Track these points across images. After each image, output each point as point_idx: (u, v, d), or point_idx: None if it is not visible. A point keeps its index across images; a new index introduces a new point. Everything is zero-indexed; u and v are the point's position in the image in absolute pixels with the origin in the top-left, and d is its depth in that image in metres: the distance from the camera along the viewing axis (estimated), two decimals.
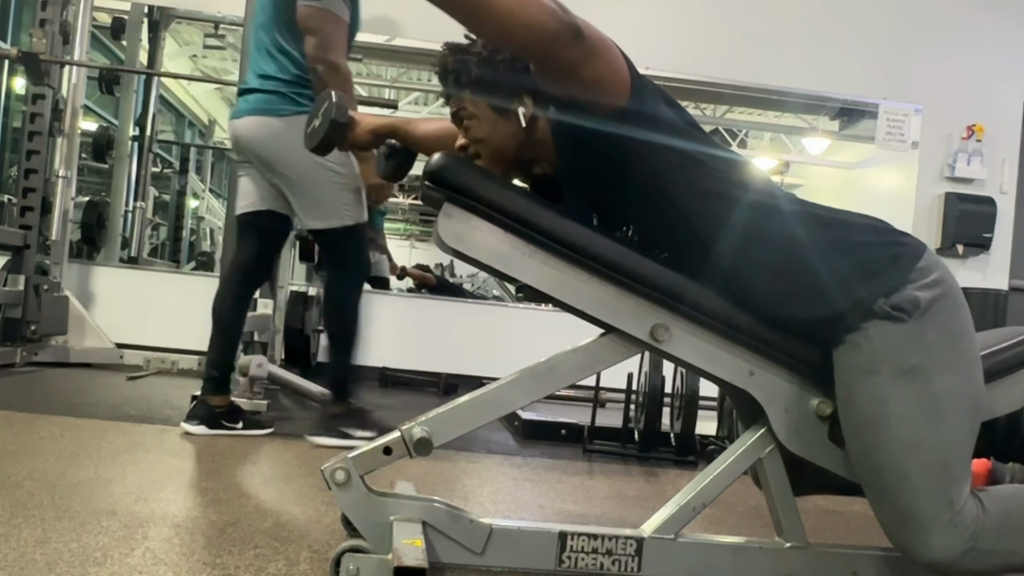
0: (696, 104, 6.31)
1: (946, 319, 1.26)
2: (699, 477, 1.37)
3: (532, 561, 1.33)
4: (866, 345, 1.25)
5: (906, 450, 1.22)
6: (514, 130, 1.35)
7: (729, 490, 1.37)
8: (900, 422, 1.22)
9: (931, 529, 1.21)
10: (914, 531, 1.22)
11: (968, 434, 1.26)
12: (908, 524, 1.23)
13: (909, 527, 1.23)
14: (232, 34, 5.64)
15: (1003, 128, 5.19)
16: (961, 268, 5.11)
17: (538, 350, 1.52)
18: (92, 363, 4.13)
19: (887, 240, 1.31)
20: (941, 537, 1.21)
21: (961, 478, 1.23)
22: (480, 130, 1.36)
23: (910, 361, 1.23)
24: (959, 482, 1.23)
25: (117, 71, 5.29)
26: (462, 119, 1.38)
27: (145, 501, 1.71)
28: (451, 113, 1.41)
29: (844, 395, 1.29)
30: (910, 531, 1.23)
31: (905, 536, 1.24)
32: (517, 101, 1.34)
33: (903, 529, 1.24)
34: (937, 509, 1.21)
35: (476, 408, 1.33)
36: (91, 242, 4.77)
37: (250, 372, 2.99)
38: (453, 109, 1.40)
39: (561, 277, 1.32)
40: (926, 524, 1.21)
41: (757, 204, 1.30)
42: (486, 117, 1.36)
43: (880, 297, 1.24)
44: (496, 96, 1.34)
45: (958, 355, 1.26)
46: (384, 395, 4.30)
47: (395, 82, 6.57)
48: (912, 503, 1.22)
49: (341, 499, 1.29)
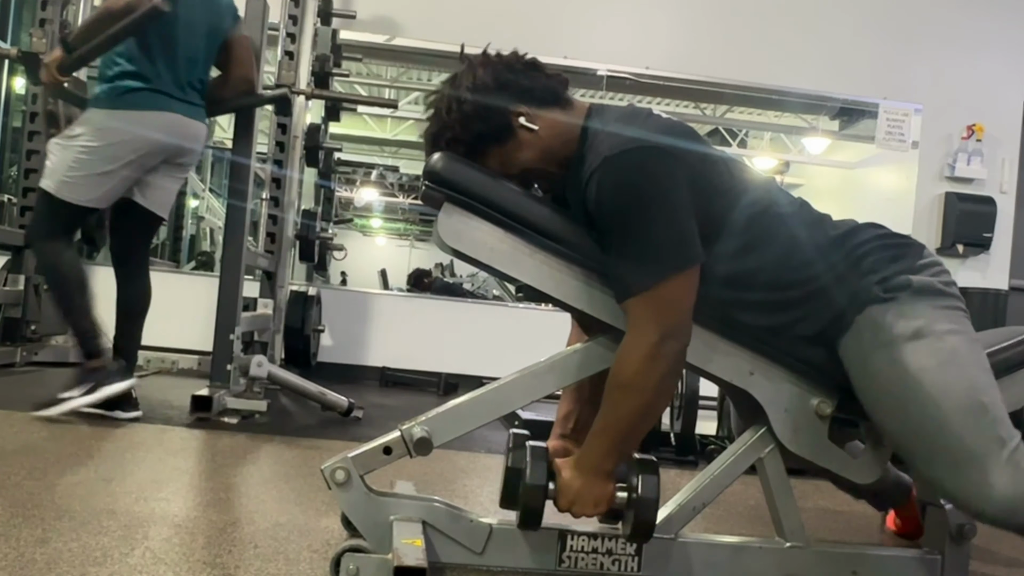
0: (696, 104, 6.32)
1: (941, 300, 1.27)
2: (699, 477, 1.37)
3: (532, 561, 1.33)
4: (868, 327, 1.26)
5: (938, 399, 1.19)
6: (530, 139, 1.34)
7: (729, 490, 1.37)
8: (924, 375, 1.21)
9: (988, 469, 1.16)
10: (975, 476, 1.17)
11: (994, 386, 1.23)
12: (967, 471, 1.17)
13: (968, 473, 1.17)
14: None
15: (1003, 128, 5.19)
16: (961, 268, 5.11)
17: (538, 350, 1.53)
18: None
19: (888, 243, 1.32)
20: (1002, 475, 1.15)
21: (1004, 419, 1.20)
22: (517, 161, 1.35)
23: (913, 325, 1.23)
24: (1003, 422, 1.20)
25: None
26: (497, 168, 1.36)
27: (145, 501, 1.71)
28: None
29: (860, 375, 1.28)
30: (968, 480, 1.17)
31: (968, 485, 1.18)
32: (513, 119, 1.33)
33: (960, 480, 1.18)
34: (989, 447, 1.17)
35: (476, 408, 1.33)
36: (91, 242, 4.75)
37: (250, 372, 2.99)
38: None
39: (561, 277, 1.32)
40: (982, 466, 1.16)
41: (757, 205, 1.31)
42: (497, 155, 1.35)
43: (875, 285, 1.26)
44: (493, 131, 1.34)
45: (958, 324, 1.26)
46: (384, 395, 4.30)
47: (395, 82, 6.57)
48: (962, 448, 1.18)
49: (341, 499, 1.29)
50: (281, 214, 4.15)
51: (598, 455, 1.27)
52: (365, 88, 6.70)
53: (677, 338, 1.23)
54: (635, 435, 1.28)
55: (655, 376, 1.22)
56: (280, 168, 4.18)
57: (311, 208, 4.86)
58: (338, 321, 4.89)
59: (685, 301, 1.23)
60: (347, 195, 8.83)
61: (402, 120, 8.00)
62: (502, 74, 1.35)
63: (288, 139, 4.20)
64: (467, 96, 1.33)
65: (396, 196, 9.61)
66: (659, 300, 1.21)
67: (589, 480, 1.26)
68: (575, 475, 1.27)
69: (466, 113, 1.33)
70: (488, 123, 1.33)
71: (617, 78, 5.03)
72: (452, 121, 1.34)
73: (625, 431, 1.26)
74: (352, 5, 4.86)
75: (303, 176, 4.58)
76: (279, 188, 4.17)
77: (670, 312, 1.22)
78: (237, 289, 3.05)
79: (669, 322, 1.22)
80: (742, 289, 1.30)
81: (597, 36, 4.98)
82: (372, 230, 10.98)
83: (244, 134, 3.15)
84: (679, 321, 1.23)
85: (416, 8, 4.92)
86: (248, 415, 2.94)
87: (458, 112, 1.33)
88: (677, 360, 1.24)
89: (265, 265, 4.01)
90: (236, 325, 3.02)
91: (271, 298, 4.11)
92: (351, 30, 4.86)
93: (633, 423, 1.26)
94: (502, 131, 1.34)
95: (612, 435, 1.26)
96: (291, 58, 4.11)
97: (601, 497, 1.27)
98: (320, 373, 4.43)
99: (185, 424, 2.69)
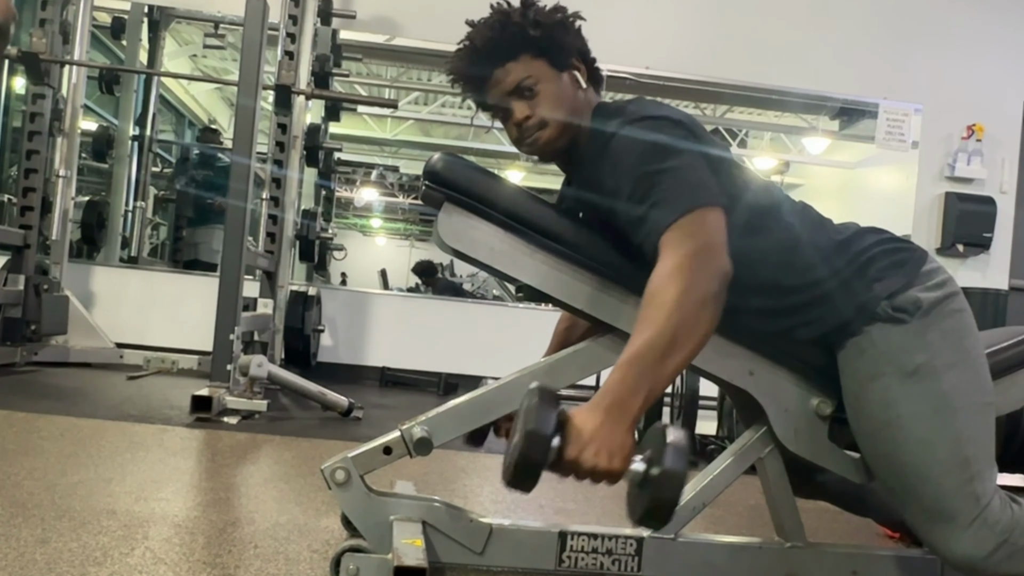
0: (696, 104, 6.32)
1: (948, 319, 1.26)
2: (699, 477, 1.37)
3: (532, 561, 1.33)
4: (870, 349, 1.25)
5: (923, 449, 1.21)
6: (577, 90, 1.33)
7: (729, 490, 1.37)
8: (913, 422, 1.21)
9: (957, 526, 1.19)
10: (943, 530, 1.20)
11: (984, 428, 1.24)
12: (936, 523, 1.21)
13: (937, 526, 1.21)
14: (232, 34, 5.64)
15: (1003, 128, 5.19)
16: (961, 268, 5.11)
17: (538, 350, 1.53)
18: (92, 363, 4.13)
19: (891, 248, 1.31)
20: (971, 533, 1.19)
21: (984, 472, 1.22)
22: (550, 92, 1.30)
23: (915, 361, 1.22)
24: (982, 477, 1.21)
25: (117, 71, 5.28)
26: (523, 90, 1.30)
27: (145, 501, 1.71)
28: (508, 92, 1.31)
29: (853, 402, 1.28)
30: (939, 530, 1.21)
31: (935, 536, 1.22)
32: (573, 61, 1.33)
33: (932, 529, 1.22)
34: (963, 505, 1.19)
35: (476, 408, 1.33)
36: (91, 242, 4.76)
37: (250, 372, 2.99)
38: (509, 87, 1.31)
39: (561, 277, 1.32)
40: (954, 521, 1.19)
41: (759, 207, 1.30)
42: (551, 78, 1.31)
43: (883, 300, 1.24)
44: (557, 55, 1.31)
45: (963, 352, 1.25)
46: (384, 395, 4.30)
47: (395, 82, 6.57)
48: (936, 502, 1.20)
49: (341, 499, 1.29)
50: (281, 214, 4.16)
51: (621, 390, 1.03)
52: (365, 88, 6.70)
53: (715, 257, 1.10)
54: (666, 368, 1.05)
55: (693, 293, 1.06)
56: (280, 168, 4.18)
57: (311, 208, 4.86)
58: (338, 321, 4.89)
59: (720, 231, 1.13)
60: (347, 195, 8.83)
61: (402, 120, 8.00)
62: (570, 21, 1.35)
63: (288, 139, 4.20)
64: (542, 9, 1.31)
65: (396, 196, 9.61)
66: (695, 222, 1.13)
67: (610, 421, 1.01)
68: (592, 415, 1.02)
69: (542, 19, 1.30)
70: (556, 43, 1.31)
71: (617, 78, 5.03)
72: (528, 21, 1.29)
73: (655, 360, 1.04)
74: (352, 5, 4.86)
75: (303, 176, 4.58)
76: (279, 188, 4.18)
77: (707, 232, 1.12)
78: (237, 289, 3.05)
79: (707, 240, 1.11)
80: (743, 291, 1.29)
81: (597, 36, 4.91)
82: (372, 230, 10.99)
83: (244, 134, 3.15)
84: (717, 242, 1.12)
85: (416, 8, 4.93)
86: (248, 415, 2.94)
87: (535, 15, 1.30)
88: (717, 284, 1.08)
89: (265, 265, 4.02)
90: (236, 325, 3.03)
91: (271, 298, 4.11)
92: (351, 30, 4.87)
93: (665, 350, 1.04)
94: (561, 59, 1.31)
95: (639, 366, 1.04)
96: (291, 58, 4.12)
97: (618, 447, 1.01)
98: (320, 373, 4.43)
99: (185, 424, 2.70)
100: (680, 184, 1.16)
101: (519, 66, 1.30)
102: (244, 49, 3.24)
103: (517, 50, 1.29)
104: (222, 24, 5.58)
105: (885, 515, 1.68)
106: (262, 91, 3.31)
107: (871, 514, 1.67)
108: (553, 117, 1.30)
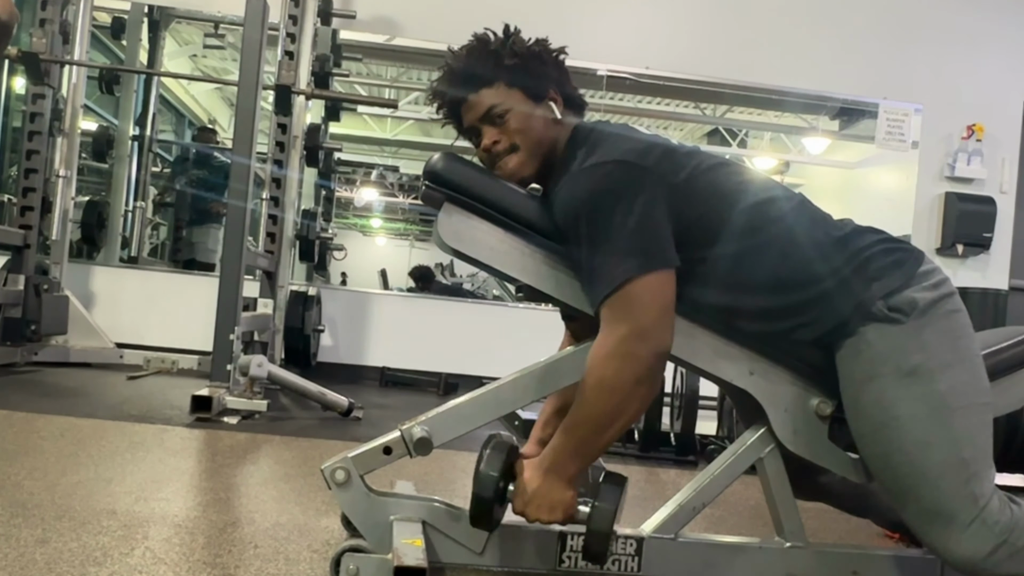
0: (696, 104, 6.31)
1: (944, 319, 1.26)
2: (699, 477, 1.37)
3: (532, 561, 1.33)
4: (866, 350, 1.25)
5: (920, 450, 1.21)
6: (549, 120, 1.35)
7: (729, 490, 1.37)
8: (910, 424, 1.22)
9: (958, 526, 1.19)
10: (941, 530, 1.21)
11: (981, 428, 1.24)
12: (934, 524, 1.22)
13: (936, 527, 1.21)
14: (232, 34, 5.64)
15: (1003, 128, 5.19)
16: (961, 268, 5.11)
17: (538, 350, 1.53)
18: (92, 363, 4.13)
19: (889, 247, 1.31)
20: (969, 534, 1.19)
21: (982, 473, 1.22)
22: (519, 120, 1.33)
23: (911, 361, 1.22)
24: (980, 477, 1.22)
25: (117, 71, 5.27)
26: (495, 117, 1.33)
27: (145, 501, 1.71)
28: (479, 117, 1.35)
29: (851, 403, 1.28)
30: (937, 531, 1.21)
31: (934, 536, 1.22)
32: (549, 92, 1.35)
33: (930, 530, 1.22)
34: (961, 505, 1.20)
35: (476, 408, 1.33)
36: (91, 242, 4.76)
37: (250, 372, 2.99)
38: (481, 112, 1.34)
39: (561, 277, 1.32)
40: (952, 522, 1.20)
41: (756, 206, 1.30)
42: (522, 107, 1.33)
43: (879, 300, 1.25)
44: (531, 84, 1.34)
45: (959, 352, 1.25)
46: (384, 395, 4.30)
47: (395, 82, 6.57)
48: (935, 503, 1.21)
49: (341, 499, 1.29)
50: (281, 214, 4.16)
51: (560, 456, 1.22)
52: (365, 88, 6.70)
53: (647, 340, 1.18)
54: (601, 439, 1.22)
55: (624, 376, 1.18)
56: (280, 168, 4.18)
57: (311, 208, 4.87)
58: (338, 321, 4.89)
59: (655, 303, 1.19)
60: (347, 195, 8.83)
61: (402, 120, 8.00)
62: (548, 54, 1.37)
63: (288, 139, 4.21)
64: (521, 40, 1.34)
65: (396, 196, 9.60)
66: (626, 300, 1.19)
67: (548, 482, 1.22)
68: (535, 475, 1.23)
69: (519, 50, 1.33)
70: (532, 73, 1.34)
71: (617, 78, 5.03)
72: (505, 50, 1.33)
73: (590, 433, 1.21)
74: (352, 5, 4.86)
75: (303, 176, 4.58)
76: (279, 188, 4.18)
77: (638, 312, 1.18)
78: (237, 289, 3.05)
79: (638, 322, 1.18)
80: (741, 291, 1.29)
81: (597, 36, 4.98)
82: (372, 230, 10.98)
83: (244, 134, 3.15)
84: (649, 322, 1.19)
85: (416, 8, 4.93)
86: (248, 415, 2.94)
87: (512, 45, 1.33)
88: (650, 364, 1.19)
89: (265, 265, 4.02)
90: (236, 325, 3.03)
91: (271, 298, 4.11)
92: (351, 30, 4.87)
93: (599, 425, 1.20)
94: (536, 89, 1.34)
95: (576, 436, 1.22)
96: (291, 58, 4.12)
97: (558, 503, 1.22)
98: (320, 373, 4.42)
99: (185, 424, 2.70)
100: (613, 252, 1.20)
101: (492, 93, 1.34)
102: (244, 49, 3.24)
103: (492, 77, 1.33)
104: (222, 24, 5.58)
105: (885, 516, 1.68)
106: (262, 91, 3.31)
107: (871, 515, 1.67)
108: (520, 144, 1.34)
